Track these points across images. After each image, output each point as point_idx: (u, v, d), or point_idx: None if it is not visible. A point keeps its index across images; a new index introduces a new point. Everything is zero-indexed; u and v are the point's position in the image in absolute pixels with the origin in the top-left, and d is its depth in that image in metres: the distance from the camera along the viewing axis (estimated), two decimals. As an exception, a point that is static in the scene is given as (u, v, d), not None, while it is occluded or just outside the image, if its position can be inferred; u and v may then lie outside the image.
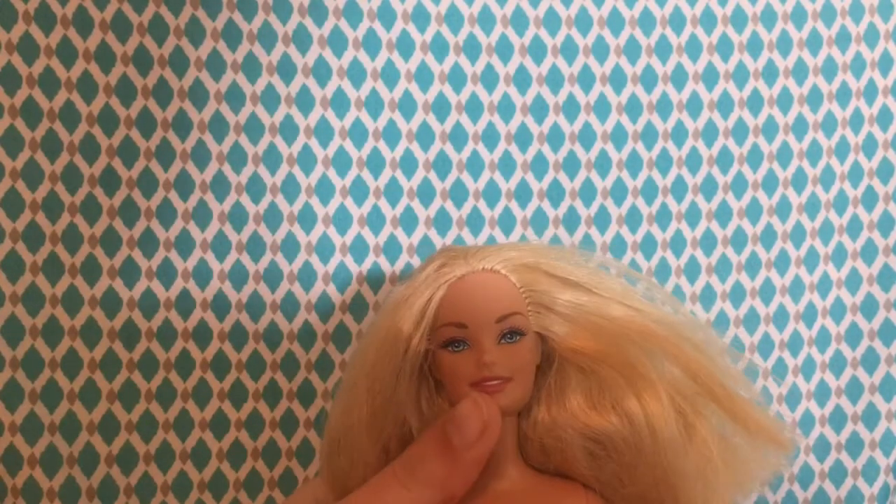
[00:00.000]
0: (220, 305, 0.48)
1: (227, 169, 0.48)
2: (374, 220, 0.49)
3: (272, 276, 0.49)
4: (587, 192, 0.51)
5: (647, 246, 0.51)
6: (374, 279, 0.49)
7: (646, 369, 0.38)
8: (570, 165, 0.51)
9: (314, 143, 0.49)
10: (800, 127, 0.53)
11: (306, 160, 0.49)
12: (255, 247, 0.49)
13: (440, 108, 0.50)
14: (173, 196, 0.48)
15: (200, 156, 0.48)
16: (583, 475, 0.39)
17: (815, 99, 0.53)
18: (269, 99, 0.49)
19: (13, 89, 0.47)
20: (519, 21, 0.50)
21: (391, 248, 0.50)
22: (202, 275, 0.48)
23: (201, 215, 0.48)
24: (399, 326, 0.38)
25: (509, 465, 0.39)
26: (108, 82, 0.47)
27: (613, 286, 0.40)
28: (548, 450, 0.40)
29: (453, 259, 0.39)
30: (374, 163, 0.49)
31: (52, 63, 0.47)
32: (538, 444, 0.40)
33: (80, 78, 0.47)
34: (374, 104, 0.49)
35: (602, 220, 0.51)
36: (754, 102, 0.52)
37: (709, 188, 0.52)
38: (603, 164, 0.51)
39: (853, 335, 0.53)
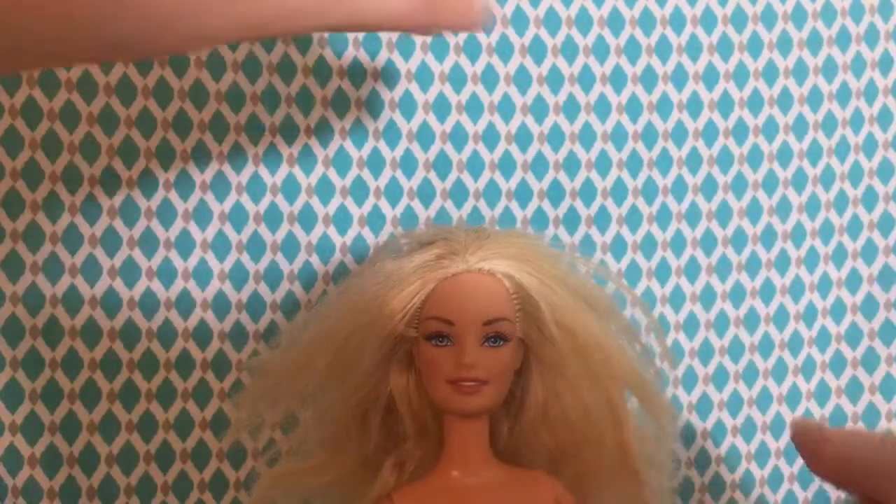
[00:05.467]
0: (220, 305, 0.48)
1: (227, 169, 0.48)
2: (374, 220, 0.49)
3: (272, 276, 0.49)
4: (587, 192, 0.51)
5: (647, 246, 0.51)
6: (374, 279, 0.49)
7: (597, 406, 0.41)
8: (570, 165, 0.51)
9: (314, 143, 0.49)
10: (800, 127, 0.53)
11: (306, 160, 0.49)
12: (255, 247, 0.49)
13: (440, 108, 0.50)
14: (173, 196, 0.48)
15: (200, 156, 0.48)
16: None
17: (815, 99, 0.53)
18: (270, 99, 0.49)
19: (13, 89, 0.47)
20: (519, 21, 0.50)
21: (391, 248, 0.50)
22: (202, 275, 0.48)
23: (201, 215, 0.48)
24: (385, 302, 0.38)
25: (481, 463, 0.40)
26: (108, 82, 0.47)
27: (596, 310, 0.41)
28: (520, 452, 0.42)
29: (452, 253, 0.39)
30: (374, 163, 0.49)
31: (52, 63, 0.47)
32: (513, 447, 0.42)
33: (80, 78, 0.47)
34: (374, 104, 0.49)
35: (602, 220, 0.51)
36: (754, 102, 0.52)
37: (709, 188, 0.52)
38: (603, 164, 0.51)
39: (853, 335, 0.53)
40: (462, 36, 0.50)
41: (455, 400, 0.38)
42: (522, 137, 0.50)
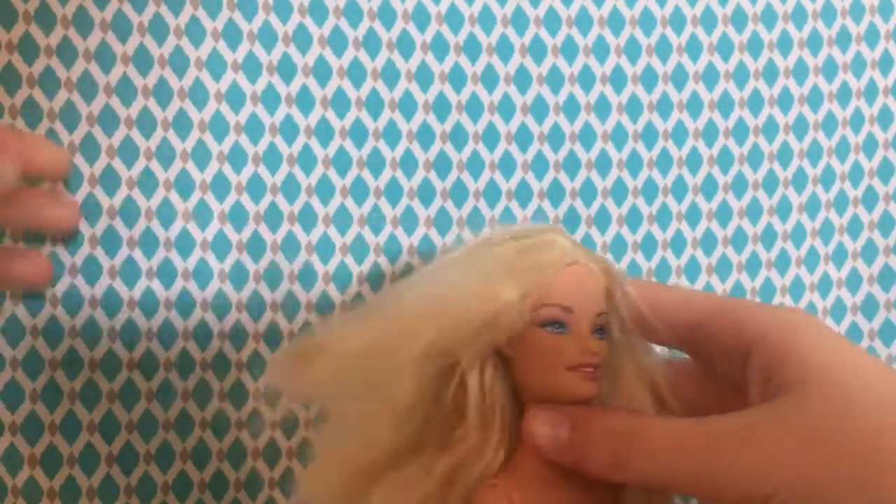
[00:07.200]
0: (220, 305, 0.48)
1: (227, 169, 0.48)
2: (374, 220, 0.49)
3: (272, 276, 0.49)
4: (587, 192, 0.51)
5: (648, 246, 0.51)
6: (375, 279, 0.49)
7: None
8: (570, 165, 0.51)
9: (314, 143, 0.49)
10: (800, 127, 0.53)
11: (306, 160, 0.49)
12: (255, 247, 0.49)
13: (440, 108, 0.50)
14: (173, 196, 0.48)
15: (200, 156, 0.48)
16: None
17: (815, 99, 0.53)
18: (269, 99, 0.49)
19: (13, 89, 0.47)
20: (519, 21, 0.50)
21: (391, 248, 0.50)
22: (202, 275, 0.48)
23: (201, 215, 0.48)
24: (499, 293, 0.37)
25: None
26: (108, 82, 0.47)
27: None
28: None
29: (561, 246, 0.39)
30: (374, 163, 0.49)
31: (52, 63, 0.47)
32: None
33: (80, 77, 0.47)
34: (374, 104, 0.49)
35: (602, 220, 0.51)
36: (754, 102, 0.52)
37: (709, 188, 0.52)
38: (603, 164, 0.51)
39: (853, 335, 0.53)
40: (462, 35, 0.50)
41: (579, 385, 0.37)
42: (522, 137, 0.50)
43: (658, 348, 0.42)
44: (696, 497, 0.36)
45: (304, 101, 0.49)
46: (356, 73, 0.49)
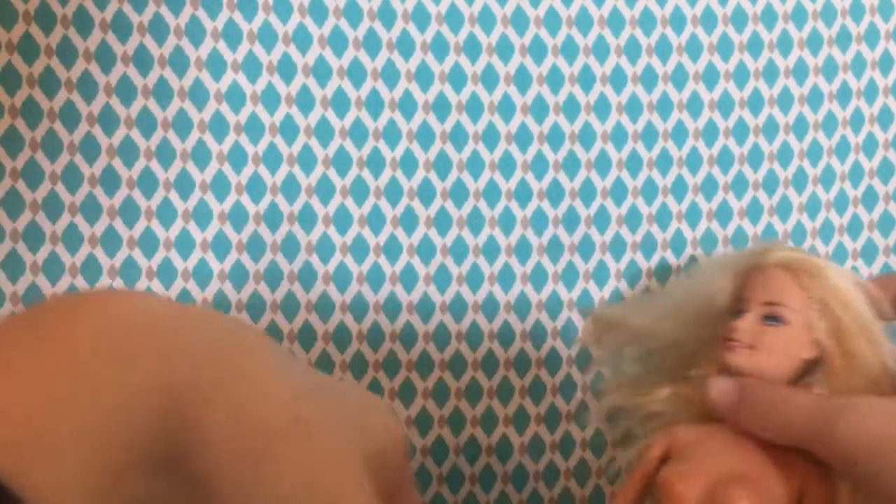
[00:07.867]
0: (220, 305, 0.48)
1: (227, 169, 0.48)
2: (374, 220, 0.49)
3: (272, 276, 0.49)
4: (587, 192, 0.51)
5: (648, 246, 0.51)
6: (374, 279, 0.49)
7: None
8: (570, 165, 0.51)
9: (314, 143, 0.49)
10: (800, 127, 0.53)
11: (306, 160, 0.49)
12: (255, 247, 0.49)
13: (440, 108, 0.50)
14: (173, 196, 0.48)
15: (200, 156, 0.48)
16: None
17: (815, 99, 0.53)
18: (269, 99, 0.49)
19: (13, 89, 0.47)
20: (519, 21, 0.50)
21: (391, 248, 0.50)
22: (202, 275, 0.48)
23: (201, 215, 0.48)
24: (712, 284, 0.45)
25: None
26: (108, 82, 0.47)
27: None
28: None
29: (763, 253, 0.45)
30: (374, 163, 0.49)
31: (52, 63, 0.47)
32: None
33: (80, 77, 0.47)
34: (374, 104, 0.49)
35: (602, 220, 0.51)
36: (754, 102, 0.52)
37: (709, 188, 0.52)
38: (603, 164, 0.51)
39: (853, 335, 0.53)
40: (462, 36, 0.50)
41: (723, 354, 0.43)
42: (522, 137, 0.50)
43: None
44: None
45: (304, 101, 0.49)
46: (356, 73, 0.49)
